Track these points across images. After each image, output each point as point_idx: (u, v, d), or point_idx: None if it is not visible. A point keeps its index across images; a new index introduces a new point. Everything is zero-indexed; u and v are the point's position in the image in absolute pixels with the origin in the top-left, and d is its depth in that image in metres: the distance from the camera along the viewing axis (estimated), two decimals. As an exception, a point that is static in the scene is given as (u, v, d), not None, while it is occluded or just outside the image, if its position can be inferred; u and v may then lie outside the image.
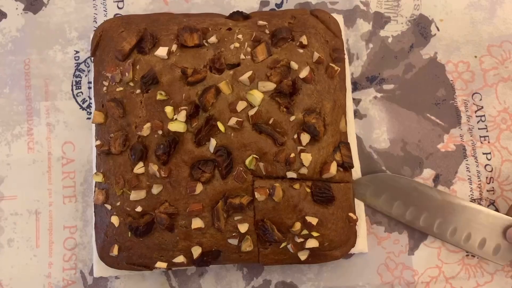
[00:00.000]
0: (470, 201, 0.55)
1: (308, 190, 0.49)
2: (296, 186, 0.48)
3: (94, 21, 0.59)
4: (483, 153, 0.56)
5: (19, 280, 0.54)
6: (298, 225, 0.48)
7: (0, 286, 0.54)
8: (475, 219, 0.53)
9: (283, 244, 0.49)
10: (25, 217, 0.56)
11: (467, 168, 0.56)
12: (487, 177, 0.56)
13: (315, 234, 0.48)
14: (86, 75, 0.58)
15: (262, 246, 0.49)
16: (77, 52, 0.59)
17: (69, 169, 0.57)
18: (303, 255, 0.49)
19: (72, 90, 0.58)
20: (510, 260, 0.52)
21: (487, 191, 0.56)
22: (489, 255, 0.53)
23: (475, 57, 0.58)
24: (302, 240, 0.48)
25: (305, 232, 0.48)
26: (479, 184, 0.56)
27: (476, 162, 0.56)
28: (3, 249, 0.55)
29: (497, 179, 0.56)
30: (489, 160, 0.56)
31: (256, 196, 0.47)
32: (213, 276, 0.54)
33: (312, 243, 0.48)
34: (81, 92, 0.58)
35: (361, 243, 0.53)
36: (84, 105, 0.58)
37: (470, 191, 0.56)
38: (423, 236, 0.55)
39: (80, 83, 0.58)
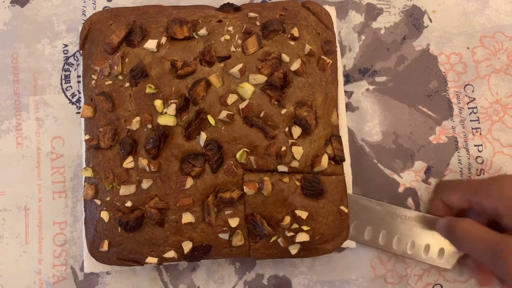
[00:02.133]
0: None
1: (298, 183, 0.48)
2: (286, 179, 0.48)
3: (83, 13, 0.58)
4: (475, 145, 0.56)
5: (9, 277, 0.54)
6: (288, 219, 0.47)
7: (-11, 282, 0.54)
8: (416, 226, 0.53)
9: (273, 238, 0.48)
10: (14, 213, 0.55)
11: (458, 160, 0.56)
12: (477, 169, 0.56)
13: (305, 228, 0.48)
14: (75, 69, 0.58)
15: (253, 240, 0.49)
16: (66, 45, 0.58)
17: (58, 164, 0.56)
18: (293, 249, 0.49)
19: (61, 84, 0.57)
20: (456, 262, 0.52)
21: (479, 183, 0.56)
22: (434, 260, 0.52)
23: (468, 48, 0.58)
24: (292, 234, 0.48)
25: (295, 226, 0.48)
26: (469, 176, 0.56)
27: (467, 154, 0.56)
28: (-7, 246, 0.54)
29: (488, 171, 0.56)
30: (480, 152, 0.56)
31: (245, 190, 0.47)
32: (205, 270, 0.54)
33: (302, 237, 0.48)
34: (70, 86, 0.57)
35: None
36: (74, 100, 0.57)
37: (462, 183, 0.56)
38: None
39: (69, 77, 0.57)
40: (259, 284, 0.54)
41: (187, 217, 0.47)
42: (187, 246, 0.48)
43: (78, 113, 0.57)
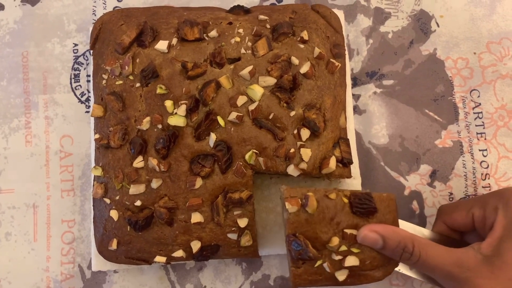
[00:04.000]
0: (465, 196, 0.56)
1: (346, 200, 0.44)
2: (332, 195, 0.44)
3: (93, 13, 0.59)
4: (479, 150, 0.57)
5: (17, 274, 0.54)
6: (336, 240, 0.43)
7: (-3, 279, 0.54)
8: None
9: (319, 262, 0.44)
10: (22, 211, 0.55)
11: (463, 165, 0.57)
12: (482, 174, 0.56)
13: (355, 250, 0.44)
14: (85, 68, 0.58)
15: (294, 264, 0.44)
16: (75, 45, 0.58)
17: (67, 162, 0.56)
18: (341, 275, 0.44)
19: (70, 83, 0.58)
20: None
21: (483, 187, 0.56)
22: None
23: (474, 53, 0.58)
24: (340, 257, 0.44)
25: (343, 248, 0.43)
26: (474, 180, 0.56)
27: (472, 158, 0.57)
28: (1, 243, 0.55)
29: (494, 176, 0.56)
30: (485, 156, 0.57)
31: (286, 207, 0.43)
32: (212, 270, 0.55)
33: (351, 261, 0.43)
34: (80, 85, 0.58)
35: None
36: (83, 99, 0.57)
37: (465, 187, 0.56)
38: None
39: (78, 76, 0.58)
40: (265, 284, 0.54)
41: (196, 217, 0.48)
42: (195, 245, 0.48)
43: (87, 112, 0.57)
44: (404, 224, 0.50)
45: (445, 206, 0.51)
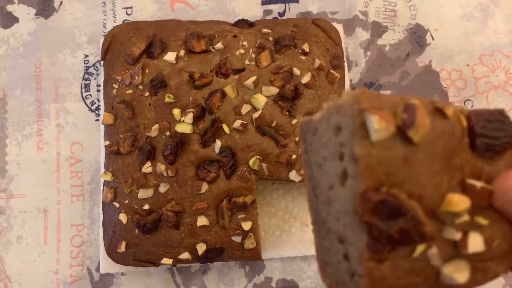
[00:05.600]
0: None
1: (465, 122, 0.26)
2: (449, 110, 0.26)
3: (103, 26, 0.61)
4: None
5: (28, 276, 0.56)
6: (459, 200, 0.24)
7: (8, 281, 0.56)
8: None
9: (420, 248, 0.24)
10: (33, 215, 0.57)
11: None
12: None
13: (483, 221, 0.25)
14: (95, 78, 0.60)
15: (374, 255, 0.24)
16: (86, 56, 0.61)
17: (77, 168, 0.58)
18: (460, 273, 0.24)
19: (81, 92, 0.60)
20: None
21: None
22: None
23: (468, 65, 0.61)
24: (460, 234, 0.25)
25: (464, 217, 0.24)
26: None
27: (468, 166, 0.59)
28: (12, 246, 0.57)
29: (488, 183, 0.58)
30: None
31: (374, 127, 0.22)
32: (216, 273, 0.56)
33: (476, 242, 0.24)
34: (90, 94, 0.60)
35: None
36: (93, 107, 0.60)
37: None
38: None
39: (89, 86, 0.60)
40: (267, 287, 0.56)
41: (202, 220, 0.50)
42: (201, 248, 0.50)
43: (97, 120, 0.59)
44: None
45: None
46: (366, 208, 0.22)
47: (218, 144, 0.50)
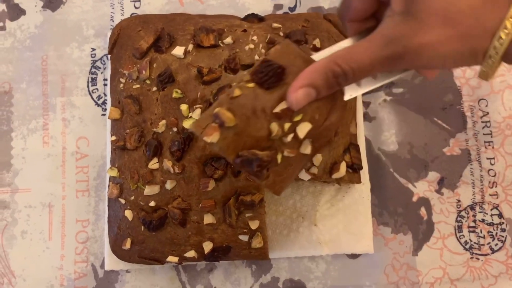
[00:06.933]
0: (472, 204, 0.57)
1: (251, 84, 0.39)
2: (237, 92, 0.39)
3: (111, 19, 0.60)
4: (487, 158, 0.58)
5: (32, 271, 0.56)
6: (275, 126, 0.38)
7: (12, 276, 0.55)
8: None
9: (279, 157, 0.39)
10: (38, 210, 0.57)
11: (471, 172, 0.57)
12: (489, 182, 0.57)
13: (298, 118, 0.39)
14: (101, 72, 0.60)
15: (261, 177, 0.40)
16: (93, 49, 0.60)
17: (82, 163, 0.58)
18: (306, 148, 0.40)
19: (87, 86, 0.59)
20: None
21: (490, 195, 0.57)
22: None
23: (483, 64, 0.59)
24: (291, 135, 0.39)
25: (287, 125, 0.39)
26: (481, 188, 0.57)
27: (480, 166, 0.58)
28: (17, 241, 0.56)
29: (501, 184, 0.57)
30: (492, 165, 0.57)
31: (209, 141, 0.38)
32: (222, 272, 0.56)
33: (304, 128, 0.39)
34: (97, 88, 0.59)
35: (367, 244, 0.54)
36: (99, 102, 0.59)
37: (473, 194, 0.57)
38: (426, 237, 0.56)
39: (95, 80, 0.59)
40: (274, 287, 0.55)
41: (209, 218, 0.49)
42: (207, 246, 0.49)
43: (103, 115, 0.59)
44: (320, 54, 0.42)
45: (340, 6, 0.43)
46: (240, 166, 0.39)
47: (226, 140, 0.49)
